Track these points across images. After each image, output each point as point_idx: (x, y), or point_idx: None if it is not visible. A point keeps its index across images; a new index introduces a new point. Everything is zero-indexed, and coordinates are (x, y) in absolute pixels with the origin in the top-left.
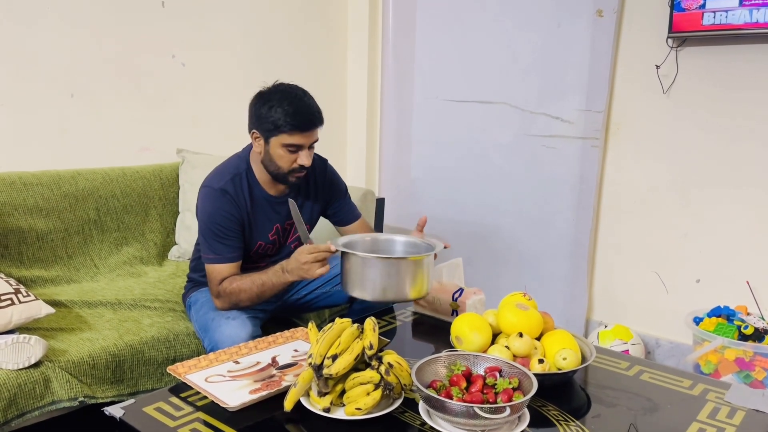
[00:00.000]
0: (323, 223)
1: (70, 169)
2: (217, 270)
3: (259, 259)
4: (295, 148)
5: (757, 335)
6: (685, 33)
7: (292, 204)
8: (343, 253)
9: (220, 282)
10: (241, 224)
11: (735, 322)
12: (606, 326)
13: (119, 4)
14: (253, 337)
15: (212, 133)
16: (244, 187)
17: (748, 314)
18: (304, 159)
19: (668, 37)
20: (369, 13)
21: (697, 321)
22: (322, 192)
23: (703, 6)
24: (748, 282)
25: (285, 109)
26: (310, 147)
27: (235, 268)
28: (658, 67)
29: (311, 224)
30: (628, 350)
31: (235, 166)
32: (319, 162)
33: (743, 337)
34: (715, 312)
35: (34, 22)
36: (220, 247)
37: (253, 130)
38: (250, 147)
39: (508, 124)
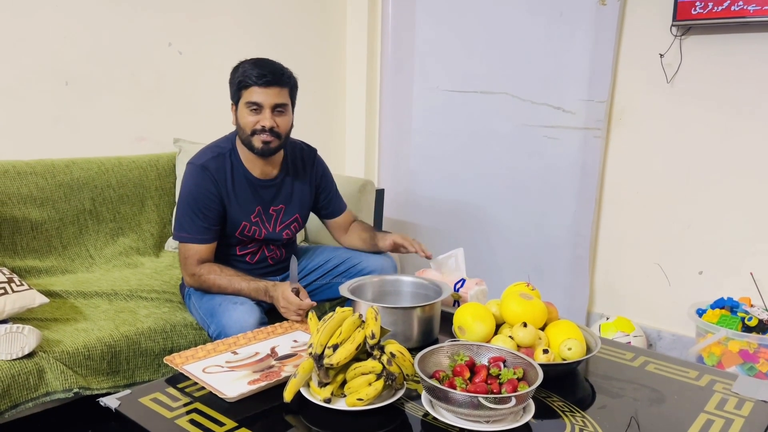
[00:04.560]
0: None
1: (64, 158)
2: (194, 249)
3: (250, 243)
4: (257, 107)
5: (761, 327)
6: (690, 21)
7: (293, 261)
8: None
9: (197, 263)
10: (221, 202)
11: (738, 314)
12: (608, 318)
13: None
14: (261, 322)
15: (209, 123)
16: (226, 165)
17: (752, 306)
18: (266, 120)
19: (672, 26)
20: (368, 1)
21: (700, 313)
22: (312, 176)
23: None
24: (751, 273)
25: (245, 68)
26: (276, 110)
27: (210, 251)
28: (661, 56)
29: (304, 208)
30: (630, 342)
31: (220, 146)
32: (308, 148)
33: (747, 329)
34: (719, 304)
35: (28, 9)
36: (195, 225)
37: (232, 103)
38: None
39: (509, 114)
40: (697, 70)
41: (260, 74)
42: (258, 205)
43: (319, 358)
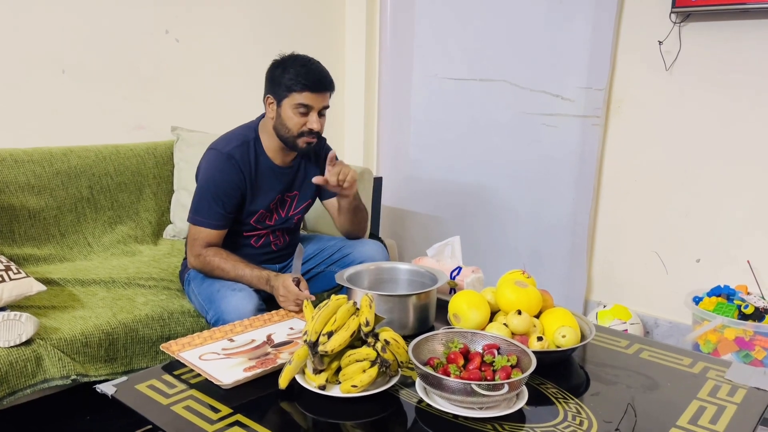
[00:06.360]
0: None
1: (62, 146)
2: (204, 233)
3: (260, 227)
4: (305, 110)
5: (758, 315)
6: (689, 8)
7: (300, 249)
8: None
9: (205, 245)
10: (242, 192)
11: (735, 302)
12: (605, 306)
13: None
14: (259, 309)
15: (207, 111)
16: (251, 154)
17: (749, 294)
18: (314, 123)
19: (671, 12)
20: None
21: (697, 300)
22: (322, 163)
23: None
24: (748, 261)
25: (297, 70)
26: (321, 114)
27: (220, 237)
28: (660, 43)
29: (314, 193)
30: (626, 330)
31: (244, 135)
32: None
33: (743, 317)
34: (715, 291)
35: None
36: (212, 211)
37: (267, 95)
38: (259, 117)
39: (508, 102)
40: (697, 57)
41: (316, 80)
42: (278, 194)
43: (313, 346)
